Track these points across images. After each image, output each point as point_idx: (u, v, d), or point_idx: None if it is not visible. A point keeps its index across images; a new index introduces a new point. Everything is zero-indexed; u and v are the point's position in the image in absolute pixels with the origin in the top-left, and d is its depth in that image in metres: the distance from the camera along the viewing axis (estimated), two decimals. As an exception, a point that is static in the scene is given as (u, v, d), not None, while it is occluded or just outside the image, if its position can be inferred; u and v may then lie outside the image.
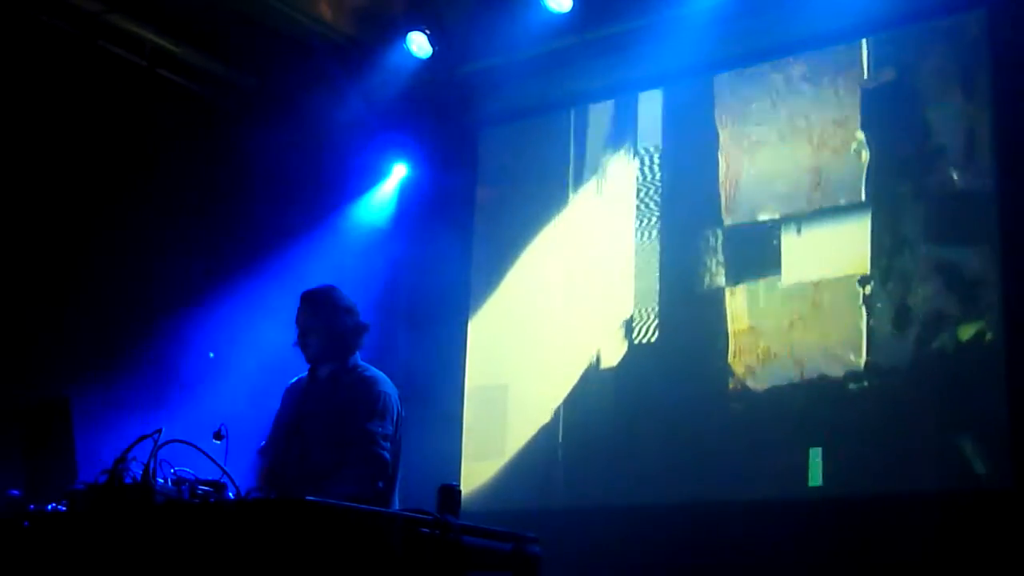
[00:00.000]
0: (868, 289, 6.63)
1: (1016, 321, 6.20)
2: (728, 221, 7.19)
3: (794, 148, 7.05)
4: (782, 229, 6.98)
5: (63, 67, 7.24)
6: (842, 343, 6.65)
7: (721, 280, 7.12)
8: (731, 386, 6.95)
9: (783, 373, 6.79)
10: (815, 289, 6.77)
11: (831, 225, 6.84)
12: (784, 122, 7.12)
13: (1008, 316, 6.23)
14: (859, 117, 6.87)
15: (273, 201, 7.78)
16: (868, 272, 6.64)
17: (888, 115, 6.81)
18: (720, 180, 7.26)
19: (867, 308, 6.61)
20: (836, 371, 6.63)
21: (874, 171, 6.76)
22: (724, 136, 7.32)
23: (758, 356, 6.89)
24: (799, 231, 6.93)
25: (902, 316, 6.53)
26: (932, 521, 6.04)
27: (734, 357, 6.98)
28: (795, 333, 6.80)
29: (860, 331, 6.62)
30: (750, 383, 6.89)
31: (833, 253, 6.77)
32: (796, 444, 6.63)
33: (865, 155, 6.81)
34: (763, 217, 7.07)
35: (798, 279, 6.85)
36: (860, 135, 6.84)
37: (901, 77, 6.80)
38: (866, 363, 6.57)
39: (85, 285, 7.20)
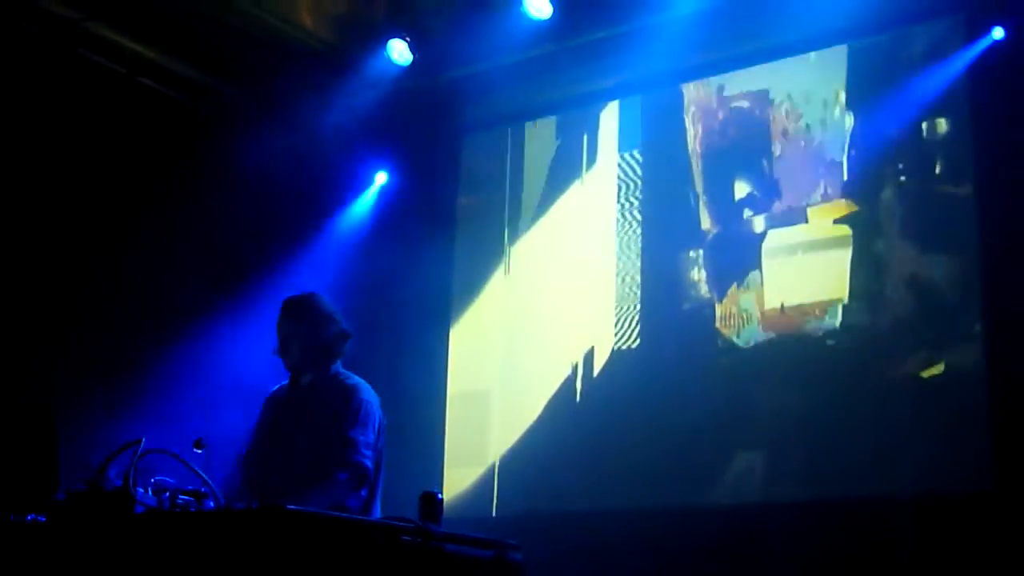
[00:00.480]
0: (847, 295, 6.67)
1: (996, 322, 6.23)
2: (709, 227, 7.21)
3: (775, 153, 7.08)
4: (765, 235, 7.01)
5: (41, 74, 7.22)
6: (823, 343, 6.68)
7: (703, 287, 7.14)
8: (716, 388, 6.96)
9: (766, 381, 6.81)
10: (796, 311, 6.79)
11: (811, 234, 6.87)
12: (765, 126, 7.15)
13: (988, 317, 6.26)
14: (842, 121, 6.90)
15: (254, 209, 7.75)
16: (848, 280, 6.68)
17: (869, 120, 6.84)
18: (701, 185, 7.29)
19: (843, 316, 6.65)
20: (821, 371, 6.65)
21: (857, 177, 6.79)
22: (704, 141, 7.34)
23: (737, 368, 6.92)
24: (780, 236, 6.95)
25: (881, 317, 6.56)
26: (912, 523, 6.06)
27: (717, 351, 7.00)
28: (776, 335, 6.83)
29: (837, 332, 6.66)
30: (734, 390, 6.90)
31: (813, 269, 6.79)
32: (781, 446, 6.65)
33: (846, 160, 6.84)
34: (745, 221, 7.09)
35: (779, 290, 6.88)
36: (843, 138, 6.88)
37: (882, 82, 6.84)
38: (846, 361, 6.59)
39: (66, 291, 7.17)
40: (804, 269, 6.83)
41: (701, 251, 7.20)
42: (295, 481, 4.55)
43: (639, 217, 7.50)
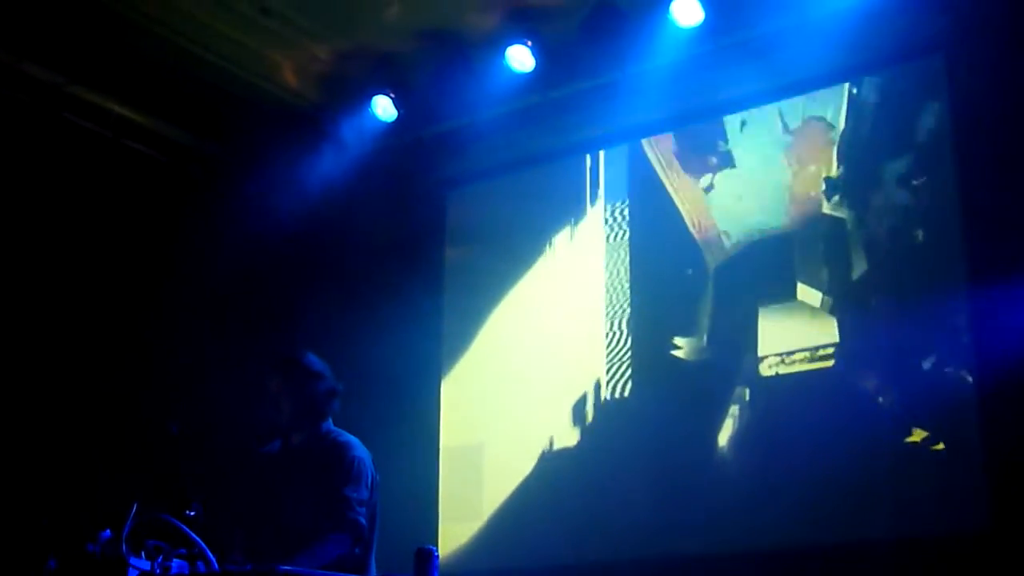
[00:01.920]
0: (837, 339, 6.67)
1: (987, 354, 6.20)
2: (699, 274, 7.22)
3: (763, 201, 7.11)
4: (757, 281, 7.02)
5: (27, 140, 7.25)
6: (815, 388, 6.68)
7: (695, 335, 7.14)
8: (708, 437, 6.94)
9: (757, 428, 6.80)
10: (789, 357, 6.80)
11: (802, 274, 6.89)
12: (751, 174, 7.19)
13: (978, 350, 6.23)
14: (829, 166, 6.92)
15: (242, 268, 7.76)
16: (837, 326, 6.69)
17: (855, 160, 6.87)
18: (689, 234, 7.30)
19: (834, 360, 6.65)
20: (812, 415, 6.63)
21: (848, 227, 6.82)
22: (689, 189, 7.38)
23: (728, 416, 6.91)
24: (772, 280, 6.97)
25: (871, 359, 6.56)
26: (904, 568, 6.02)
27: (709, 400, 6.98)
28: (770, 379, 6.84)
29: (827, 376, 6.66)
30: (725, 438, 6.89)
31: (805, 315, 6.80)
32: (771, 492, 6.63)
33: (832, 211, 6.87)
34: (735, 267, 7.11)
35: (772, 336, 6.89)
36: (826, 190, 6.91)
37: (863, 125, 6.88)
38: (837, 399, 6.58)
39: (52, 351, 7.17)
40: (795, 315, 6.83)
41: (692, 299, 7.20)
42: (289, 541, 4.52)
43: (628, 267, 7.51)
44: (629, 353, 7.36)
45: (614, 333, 7.44)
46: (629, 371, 7.33)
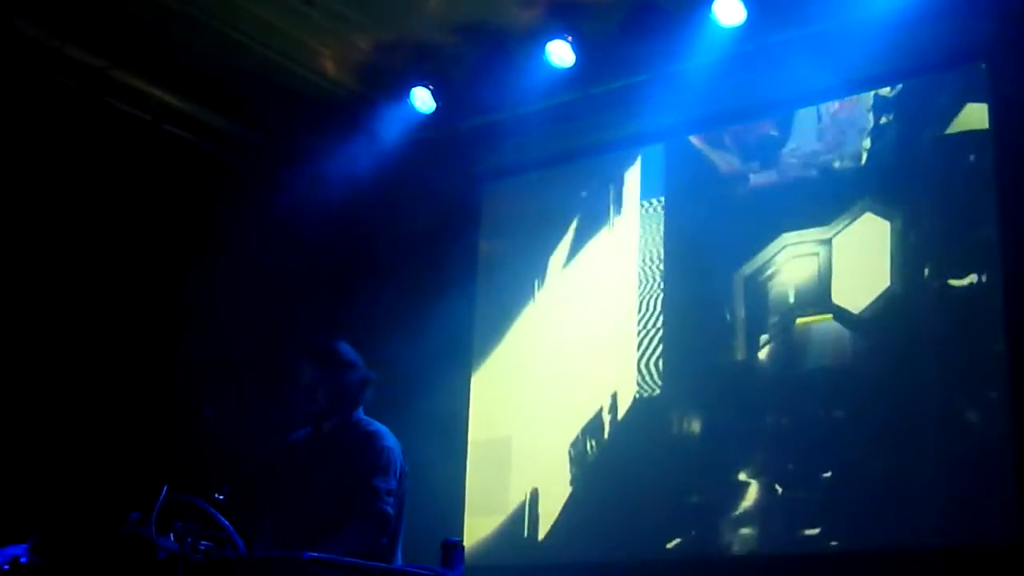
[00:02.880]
0: (871, 346, 6.64)
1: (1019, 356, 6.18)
2: (733, 275, 7.19)
3: (801, 203, 7.08)
4: (790, 282, 6.99)
5: (69, 122, 7.30)
6: (848, 394, 6.65)
7: (727, 336, 7.12)
8: (738, 436, 6.93)
9: (789, 430, 6.78)
10: (822, 361, 6.76)
11: (836, 280, 6.86)
12: (789, 176, 7.16)
13: (1014, 361, 6.19)
14: (869, 171, 6.89)
15: (278, 257, 7.80)
16: (871, 333, 6.65)
17: (892, 168, 6.83)
18: (724, 233, 7.28)
19: (867, 368, 6.61)
20: (846, 421, 6.60)
21: (887, 232, 6.78)
22: (726, 188, 7.36)
23: (760, 417, 6.88)
24: (804, 284, 6.94)
25: (906, 369, 6.52)
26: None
27: (740, 399, 6.97)
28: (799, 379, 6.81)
29: (860, 382, 6.62)
30: (756, 439, 6.87)
31: (839, 320, 6.77)
32: (801, 496, 6.61)
33: (871, 215, 6.84)
34: (769, 267, 7.08)
35: (804, 340, 6.86)
36: (865, 195, 6.87)
37: (904, 130, 6.84)
38: (868, 408, 6.55)
39: (84, 337, 7.22)
40: (833, 317, 6.80)
41: (725, 300, 7.18)
42: (317, 529, 4.54)
43: (661, 266, 7.50)
44: (660, 350, 7.35)
45: (646, 330, 7.43)
46: (660, 368, 7.32)
